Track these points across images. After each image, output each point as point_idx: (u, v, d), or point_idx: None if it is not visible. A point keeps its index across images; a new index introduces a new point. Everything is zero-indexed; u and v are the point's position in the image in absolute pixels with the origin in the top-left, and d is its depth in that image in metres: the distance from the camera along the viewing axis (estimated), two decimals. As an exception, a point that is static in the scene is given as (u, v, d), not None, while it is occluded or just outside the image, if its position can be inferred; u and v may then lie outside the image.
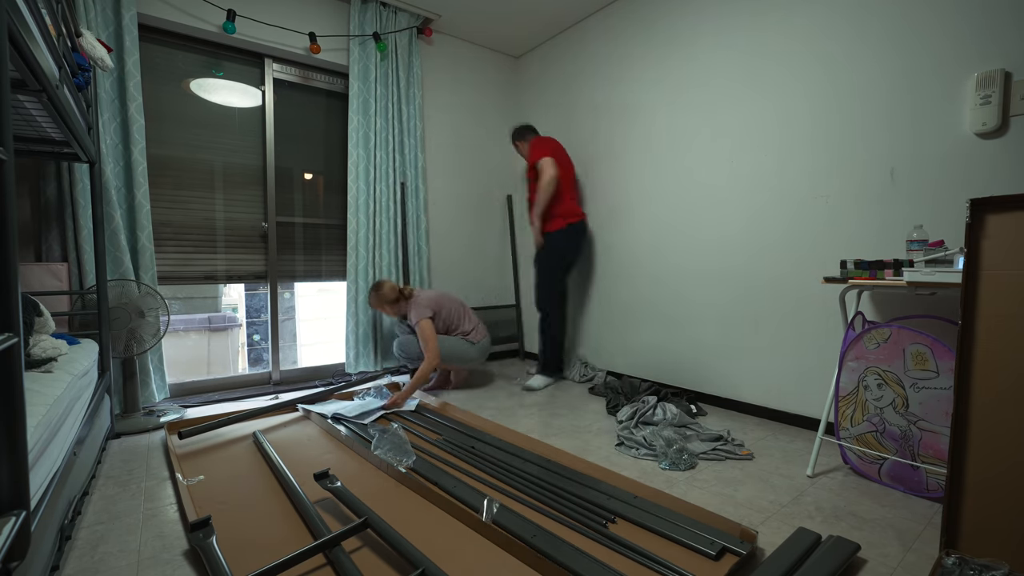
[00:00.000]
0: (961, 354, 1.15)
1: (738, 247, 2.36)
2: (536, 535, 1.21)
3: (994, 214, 1.10)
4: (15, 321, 0.77)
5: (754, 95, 2.29)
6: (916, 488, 1.53)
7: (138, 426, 2.14)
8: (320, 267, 3.07)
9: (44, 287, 2.06)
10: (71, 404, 1.32)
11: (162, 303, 2.24)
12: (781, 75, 2.18)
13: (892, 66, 1.86)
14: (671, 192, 2.67)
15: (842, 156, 2.00)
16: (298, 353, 3.75)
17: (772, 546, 1.22)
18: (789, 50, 2.15)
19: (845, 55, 1.98)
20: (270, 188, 2.83)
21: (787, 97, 2.17)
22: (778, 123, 2.20)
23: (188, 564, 1.19)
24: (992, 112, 1.62)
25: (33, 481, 0.91)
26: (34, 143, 1.72)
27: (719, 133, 2.44)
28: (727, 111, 2.40)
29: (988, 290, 1.12)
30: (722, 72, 2.41)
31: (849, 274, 1.63)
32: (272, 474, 1.66)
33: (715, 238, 2.46)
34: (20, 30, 0.88)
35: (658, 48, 2.72)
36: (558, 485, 1.50)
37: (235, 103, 2.76)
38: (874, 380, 1.61)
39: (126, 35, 2.24)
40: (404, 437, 1.70)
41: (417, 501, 1.45)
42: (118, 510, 1.45)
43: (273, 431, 2.10)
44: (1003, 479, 1.10)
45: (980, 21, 1.66)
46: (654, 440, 1.85)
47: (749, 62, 2.30)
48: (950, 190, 1.73)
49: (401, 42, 3.07)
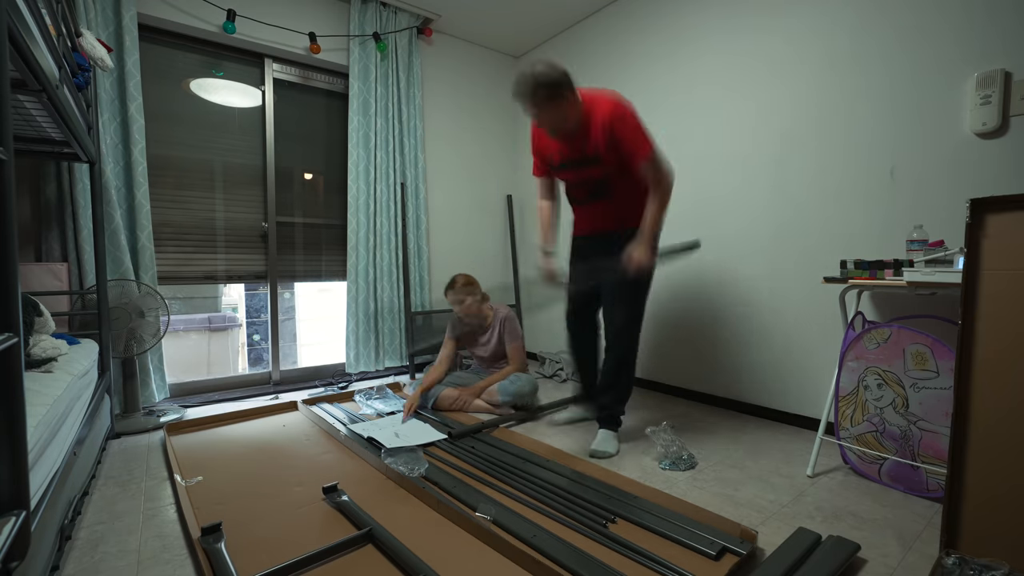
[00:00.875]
0: (961, 353, 1.14)
1: (738, 247, 2.36)
2: (536, 535, 1.21)
3: (994, 214, 1.10)
4: (15, 321, 0.77)
5: (755, 95, 2.29)
6: (916, 488, 1.53)
7: (138, 426, 2.14)
8: (320, 267, 3.07)
9: (44, 287, 2.06)
10: (71, 404, 1.32)
11: (162, 303, 2.24)
12: (782, 75, 2.18)
13: (892, 66, 1.86)
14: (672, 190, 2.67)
15: (842, 156, 2.00)
16: (298, 353, 3.75)
17: (772, 546, 1.22)
18: (790, 51, 2.15)
19: (845, 56, 1.98)
20: (270, 188, 2.83)
21: (787, 97, 2.17)
22: (778, 123, 2.20)
23: (188, 564, 1.19)
24: (992, 112, 1.62)
25: (33, 481, 0.91)
26: (34, 143, 1.71)
27: (719, 133, 2.43)
28: (727, 111, 2.39)
29: (988, 290, 1.11)
30: (722, 72, 2.41)
31: (849, 274, 1.63)
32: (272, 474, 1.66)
33: (715, 238, 2.46)
34: (20, 30, 0.88)
35: (658, 48, 2.72)
36: (558, 485, 1.50)
37: (235, 103, 2.76)
38: (874, 380, 1.61)
39: (126, 35, 2.24)
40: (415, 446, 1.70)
41: (416, 504, 1.45)
42: (118, 510, 1.45)
43: (273, 431, 2.10)
44: (1003, 479, 1.10)
45: (980, 21, 1.66)
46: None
47: (750, 63, 2.30)
48: (950, 190, 1.73)
49: (401, 42, 3.07)
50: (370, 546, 1.22)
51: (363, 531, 1.24)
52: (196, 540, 1.21)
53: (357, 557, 1.18)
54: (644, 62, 2.79)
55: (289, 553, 1.17)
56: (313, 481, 1.58)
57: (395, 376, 3.11)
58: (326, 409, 2.37)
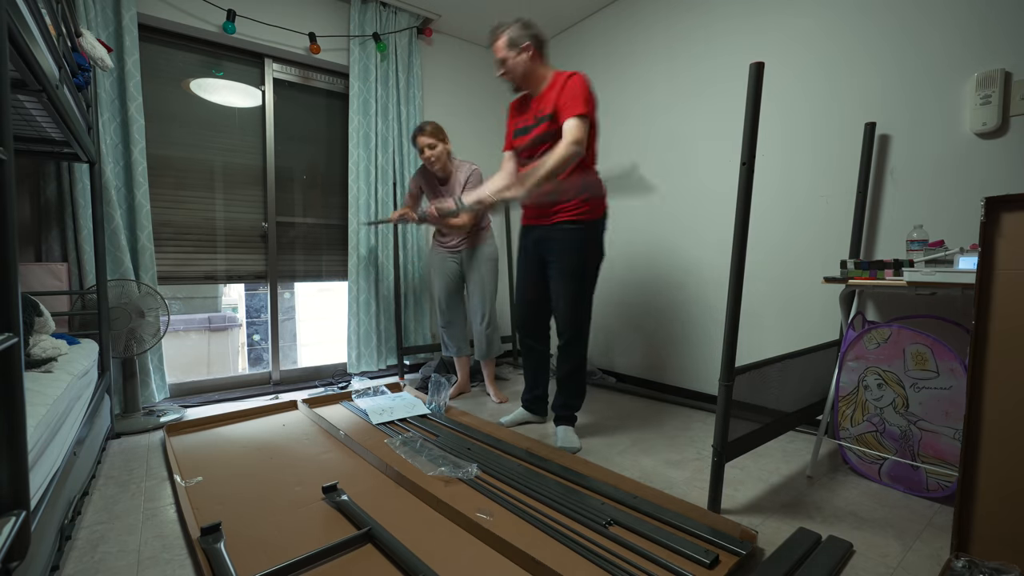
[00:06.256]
0: (974, 354, 1.12)
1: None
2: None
3: (1010, 212, 1.08)
4: (15, 321, 0.77)
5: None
6: (916, 488, 1.53)
7: (138, 426, 2.14)
8: (320, 267, 3.07)
9: (44, 287, 2.07)
10: (71, 404, 1.32)
11: (162, 303, 2.24)
12: (782, 76, 2.18)
13: (892, 66, 1.86)
14: (671, 192, 2.67)
15: (842, 156, 2.00)
16: (298, 353, 3.75)
17: (772, 546, 1.22)
18: (790, 51, 2.15)
19: (845, 56, 1.98)
20: (270, 188, 2.83)
21: (787, 98, 2.17)
22: (778, 124, 2.20)
23: (188, 564, 1.19)
24: (992, 112, 1.62)
25: (33, 481, 0.91)
26: (34, 143, 1.72)
27: (719, 133, 2.43)
28: (727, 111, 2.39)
29: (1003, 290, 1.09)
30: (722, 72, 2.41)
31: (849, 274, 1.63)
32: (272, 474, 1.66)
33: (715, 239, 2.47)
34: (20, 30, 0.88)
35: (659, 49, 2.72)
36: (558, 486, 1.50)
37: (235, 103, 2.76)
38: (874, 380, 1.61)
39: (126, 35, 2.24)
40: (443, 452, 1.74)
41: (415, 503, 1.45)
42: (118, 510, 1.45)
43: (273, 431, 2.10)
44: (1015, 481, 1.08)
45: (980, 21, 1.66)
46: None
47: (750, 62, 2.30)
48: (950, 190, 1.73)
49: (401, 42, 3.07)
50: (370, 546, 1.22)
51: (363, 531, 1.24)
52: (196, 540, 1.21)
53: (357, 557, 1.18)
54: (644, 62, 2.79)
55: (289, 553, 1.17)
56: (313, 481, 1.58)
57: (395, 376, 3.11)
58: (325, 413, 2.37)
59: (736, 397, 1.38)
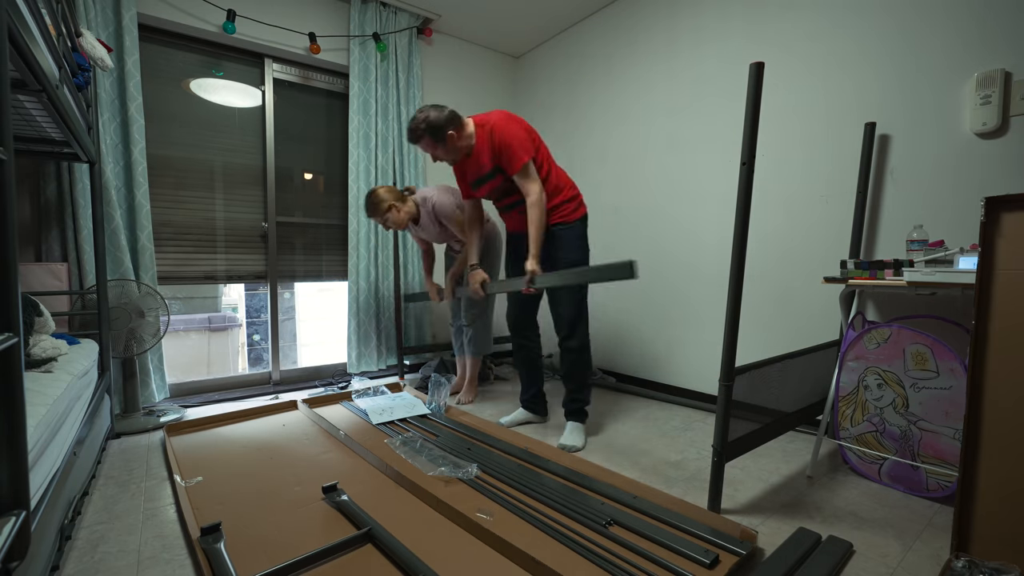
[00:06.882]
0: (974, 354, 1.13)
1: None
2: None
3: (1010, 212, 1.08)
4: (15, 321, 0.77)
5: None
6: (916, 488, 1.53)
7: (138, 426, 2.14)
8: (320, 267, 3.07)
9: (44, 287, 2.07)
10: (71, 404, 1.32)
11: (162, 303, 2.24)
12: (782, 76, 2.17)
13: (892, 66, 1.86)
14: (670, 192, 2.67)
15: (842, 156, 2.00)
16: (298, 353, 3.75)
17: (772, 546, 1.22)
18: (790, 51, 2.15)
19: (845, 56, 1.98)
20: (270, 188, 2.83)
21: (788, 98, 2.17)
22: (778, 124, 2.20)
23: (188, 564, 1.19)
24: (992, 112, 1.62)
25: (33, 481, 0.91)
26: (34, 143, 1.72)
27: (718, 133, 2.43)
28: (727, 111, 2.39)
29: (1003, 290, 1.09)
30: (722, 72, 2.41)
31: (849, 274, 1.62)
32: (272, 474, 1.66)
33: (715, 239, 2.47)
34: (20, 30, 0.88)
35: (659, 49, 2.72)
36: (558, 485, 1.50)
37: (235, 103, 2.76)
38: (874, 380, 1.61)
39: (126, 35, 2.24)
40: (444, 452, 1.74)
41: (415, 503, 1.45)
42: (118, 510, 1.45)
43: (273, 431, 2.10)
44: (1016, 481, 1.08)
45: (980, 21, 1.66)
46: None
47: (749, 63, 2.30)
48: (950, 190, 1.73)
49: (401, 42, 3.07)
50: (369, 546, 1.22)
51: (363, 531, 1.24)
52: (196, 540, 1.21)
53: (356, 557, 1.18)
54: (644, 62, 2.79)
55: (289, 553, 1.17)
56: (313, 481, 1.58)
57: (395, 376, 3.11)
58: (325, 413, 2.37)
59: (736, 397, 1.38)
